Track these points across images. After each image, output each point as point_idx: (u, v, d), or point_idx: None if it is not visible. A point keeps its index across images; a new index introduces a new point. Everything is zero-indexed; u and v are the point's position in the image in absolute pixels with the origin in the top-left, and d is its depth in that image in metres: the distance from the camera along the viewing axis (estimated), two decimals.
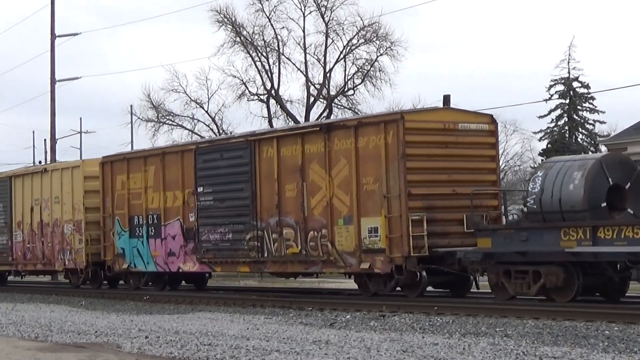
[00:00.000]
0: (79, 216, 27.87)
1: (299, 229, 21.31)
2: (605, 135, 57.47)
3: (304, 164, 21.20)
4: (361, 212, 20.01)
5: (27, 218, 30.39)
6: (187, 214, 24.21)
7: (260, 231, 22.16)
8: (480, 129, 20.27)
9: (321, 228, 20.83)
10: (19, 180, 30.93)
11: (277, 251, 21.82)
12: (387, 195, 19.48)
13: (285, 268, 21.98)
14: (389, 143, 19.50)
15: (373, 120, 19.98)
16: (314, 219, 21.02)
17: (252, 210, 22.32)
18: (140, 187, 25.70)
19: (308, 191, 21.14)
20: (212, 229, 23.45)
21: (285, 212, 21.64)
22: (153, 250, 25.29)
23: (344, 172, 20.39)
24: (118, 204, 26.45)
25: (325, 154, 20.73)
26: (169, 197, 24.79)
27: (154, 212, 25.25)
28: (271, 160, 21.94)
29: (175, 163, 24.60)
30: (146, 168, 25.53)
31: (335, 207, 20.55)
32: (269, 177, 22.00)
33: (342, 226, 20.39)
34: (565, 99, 56.04)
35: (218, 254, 23.36)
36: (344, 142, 20.44)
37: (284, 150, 21.74)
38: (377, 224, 19.67)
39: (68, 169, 28.53)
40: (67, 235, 28.34)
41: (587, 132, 57.19)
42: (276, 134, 22.14)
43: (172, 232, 24.66)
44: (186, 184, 24.20)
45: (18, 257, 31.01)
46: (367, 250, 19.90)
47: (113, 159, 27.22)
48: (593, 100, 55.87)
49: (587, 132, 57.19)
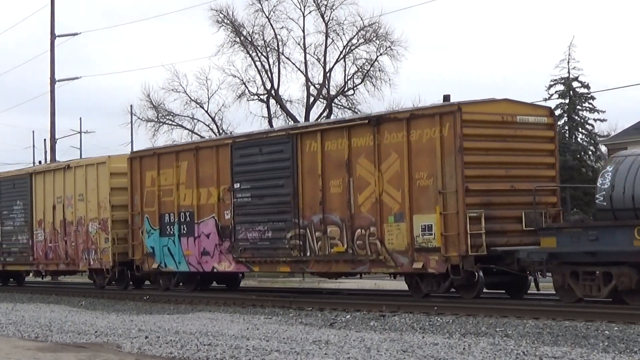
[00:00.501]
0: (104, 214, 26.84)
1: (344, 227, 20.31)
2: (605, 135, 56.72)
3: (350, 159, 20.20)
4: (414, 208, 19.02)
5: (48, 216, 29.36)
6: (222, 211, 23.20)
7: (303, 229, 21.16)
8: (539, 122, 19.29)
9: (369, 226, 19.83)
10: (40, 177, 29.89)
11: (321, 250, 20.82)
12: (443, 191, 18.49)
13: (330, 268, 20.96)
14: (445, 136, 18.51)
15: (427, 112, 18.98)
16: (361, 216, 20.02)
17: (294, 208, 21.31)
18: (171, 184, 24.68)
19: (355, 187, 20.14)
20: (250, 227, 22.44)
21: (330, 209, 20.64)
22: (185, 249, 24.27)
23: (395, 167, 19.40)
24: (147, 201, 25.44)
25: (375, 147, 19.73)
26: (202, 193, 23.77)
27: (186, 209, 24.23)
28: (314, 155, 20.95)
29: (209, 158, 23.58)
30: (178, 164, 24.50)
31: (385, 204, 19.56)
32: (312, 173, 21.01)
33: (392, 224, 19.40)
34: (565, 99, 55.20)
35: (256, 253, 22.35)
36: (394, 136, 19.45)
37: (328, 144, 20.75)
38: (432, 221, 18.68)
39: (93, 165, 27.47)
40: (92, 234, 27.31)
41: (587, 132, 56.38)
42: (320, 127, 21.13)
43: (206, 230, 23.65)
44: (222, 180, 23.19)
45: (39, 257, 29.97)
46: (420, 249, 18.91)
47: (142, 154, 26.22)
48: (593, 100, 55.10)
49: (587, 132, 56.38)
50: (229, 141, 23.20)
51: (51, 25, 45.20)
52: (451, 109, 18.53)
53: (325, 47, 45.45)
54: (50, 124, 45.36)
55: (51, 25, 45.20)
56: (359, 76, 45.64)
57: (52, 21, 45.21)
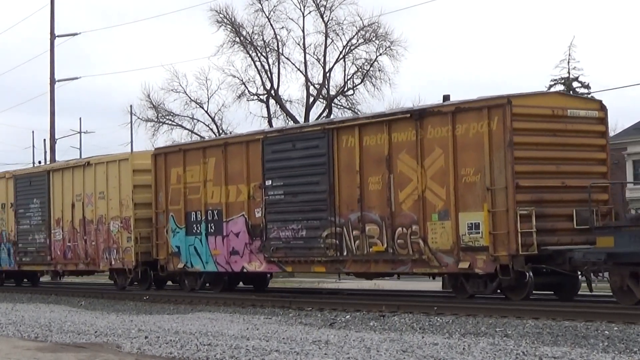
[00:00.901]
0: (127, 212, 26.02)
1: (384, 225, 19.51)
2: None
3: (391, 154, 19.41)
4: (459, 206, 18.22)
5: (67, 215, 28.52)
6: (253, 209, 22.39)
7: (339, 228, 20.35)
8: (590, 116, 18.49)
9: (411, 224, 19.04)
10: (58, 174, 29.06)
11: (359, 249, 20.02)
12: (491, 187, 17.70)
13: (368, 268, 20.15)
14: (493, 130, 17.72)
15: (474, 106, 18.16)
16: (402, 214, 19.22)
17: (330, 205, 20.51)
18: (198, 181, 23.85)
19: (396, 184, 19.34)
20: (282, 226, 21.62)
21: (369, 206, 19.84)
22: (213, 248, 23.45)
23: (439, 163, 18.60)
24: (173, 199, 24.61)
25: (417, 142, 18.94)
26: (231, 191, 22.96)
27: (214, 207, 23.41)
28: (352, 151, 20.15)
29: (239, 154, 22.77)
30: (205, 160, 23.68)
31: (428, 201, 18.77)
32: (349, 169, 20.21)
33: (436, 222, 18.61)
34: None
35: (289, 252, 21.53)
36: (438, 130, 18.65)
37: (367, 139, 19.95)
38: (479, 219, 17.88)
39: (114, 162, 26.63)
40: (114, 233, 26.48)
41: None
42: (358, 121, 20.31)
43: (235, 229, 22.83)
44: (252, 176, 22.38)
45: (57, 257, 29.12)
46: (466, 248, 18.11)
47: (167, 150, 25.40)
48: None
49: None
50: (260, 136, 22.38)
51: (51, 26, 45.01)
52: (500, 101, 17.72)
53: (325, 47, 45.56)
54: (50, 124, 45.15)
55: (51, 26, 45.01)
56: (359, 76, 45.71)
57: (52, 21, 45.05)
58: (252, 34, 45.35)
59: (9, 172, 32.25)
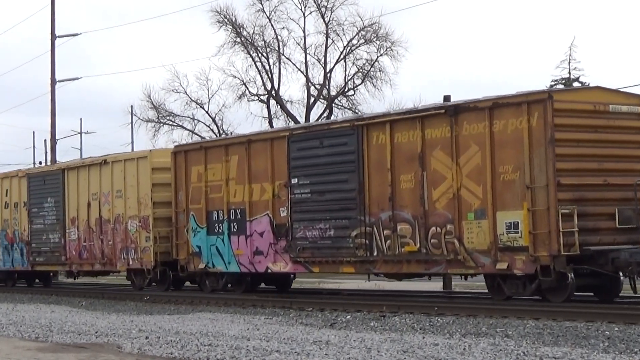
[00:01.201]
0: (145, 211, 25.42)
1: (417, 225, 18.91)
2: None
3: (424, 151, 18.81)
4: (497, 204, 17.61)
5: (83, 214, 27.92)
6: (277, 208, 21.78)
7: (369, 227, 19.75)
8: (632, 112, 17.85)
9: (446, 223, 18.44)
10: (73, 173, 28.45)
11: (390, 250, 19.42)
12: (531, 185, 17.10)
13: (400, 268, 19.53)
14: (533, 126, 17.11)
15: (513, 101, 17.55)
16: (436, 213, 18.62)
17: (359, 204, 19.91)
18: (220, 179, 23.25)
19: (429, 182, 18.75)
20: (309, 225, 21.02)
21: (400, 205, 19.24)
22: (236, 248, 22.85)
23: (475, 160, 18.00)
24: (193, 198, 24.01)
25: (452, 139, 18.33)
26: (255, 189, 22.36)
27: (237, 206, 22.81)
28: (383, 148, 19.56)
29: (263, 152, 22.16)
30: (228, 158, 23.07)
31: (464, 200, 18.16)
32: (379, 167, 19.62)
33: (472, 221, 18.00)
34: None
35: (316, 252, 20.93)
36: (475, 126, 18.05)
37: (398, 136, 19.35)
38: (518, 218, 17.29)
39: (132, 160, 26.03)
40: (132, 233, 25.88)
41: None
42: (390, 117, 19.67)
43: (259, 228, 22.23)
44: (277, 175, 21.78)
45: (72, 257, 28.52)
46: (504, 249, 17.50)
47: (187, 148, 24.80)
48: None
49: None
50: (285, 133, 21.76)
51: (51, 26, 44.73)
52: (541, 97, 17.12)
53: (325, 47, 45.35)
54: (51, 124, 44.91)
55: (51, 26, 44.73)
56: (360, 76, 45.51)
57: (52, 21, 44.79)
58: (253, 35, 45.28)
59: (22, 171, 31.66)
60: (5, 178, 32.36)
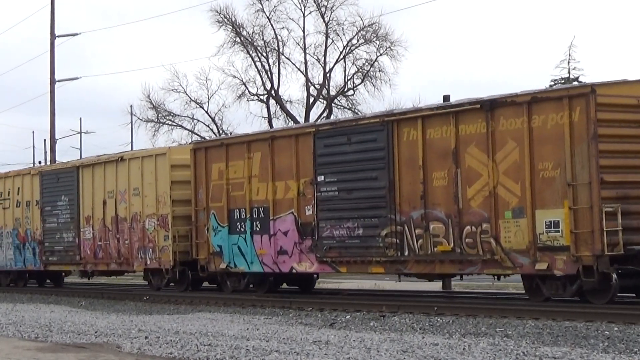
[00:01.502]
0: (164, 210, 24.78)
1: (451, 224, 18.29)
2: None
3: (458, 148, 18.19)
4: (536, 203, 17.00)
5: (98, 212, 27.29)
6: (302, 206, 21.16)
7: (400, 226, 19.13)
8: None
9: (481, 222, 17.82)
10: (88, 170, 27.81)
11: (422, 249, 18.80)
12: (573, 183, 16.48)
13: (433, 269, 18.91)
14: (575, 121, 16.49)
15: (553, 95, 16.94)
16: (471, 211, 18.00)
17: (390, 202, 19.29)
18: (242, 177, 22.62)
19: (463, 179, 18.13)
20: (336, 224, 20.40)
21: (433, 203, 18.62)
22: (259, 248, 22.22)
23: (513, 157, 17.38)
24: (214, 196, 23.38)
25: (488, 135, 17.71)
26: (279, 187, 21.74)
27: (260, 204, 22.19)
28: (414, 144, 18.94)
29: (287, 149, 21.54)
30: (250, 155, 22.45)
31: (500, 198, 17.54)
32: (411, 164, 19.00)
33: (510, 220, 17.38)
34: None
35: (344, 252, 20.31)
36: (512, 122, 17.42)
37: (431, 132, 18.73)
38: (559, 216, 16.67)
39: (150, 157, 25.37)
40: (150, 232, 25.24)
41: None
42: (421, 113, 19.03)
43: (283, 227, 21.61)
44: (302, 172, 21.17)
45: (87, 256, 27.88)
46: (544, 248, 16.88)
47: (208, 144, 24.18)
48: None
49: None
50: (311, 130, 21.13)
51: (51, 25, 44.58)
52: (583, 90, 16.50)
53: (325, 47, 45.50)
54: (50, 124, 44.75)
55: (51, 25, 44.58)
56: (359, 76, 45.62)
57: (52, 21, 44.64)
58: (253, 34, 45.41)
59: (34, 169, 31.07)
60: (16, 176, 31.74)
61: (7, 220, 31.85)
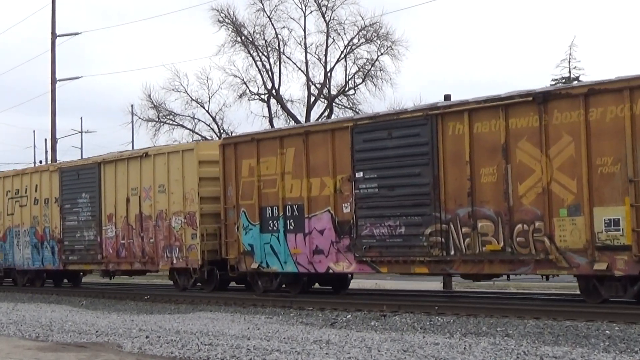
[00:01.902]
0: (191, 207, 23.95)
1: (500, 222, 17.46)
2: None
3: (508, 142, 17.36)
4: (594, 200, 16.17)
5: (121, 210, 26.48)
6: (340, 204, 20.33)
7: (445, 224, 18.31)
8: None
9: (534, 220, 16.99)
10: (111, 167, 27.00)
11: (469, 249, 17.98)
12: (635, 179, 15.65)
13: (481, 269, 18.07)
14: (637, 114, 15.66)
15: (612, 87, 16.06)
16: (523, 209, 17.17)
17: (434, 200, 18.47)
18: (274, 173, 21.80)
19: (514, 175, 17.30)
20: (376, 222, 19.58)
21: (481, 201, 17.80)
22: (293, 247, 21.40)
23: (568, 152, 16.55)
24: (244, 193, 22.56)
25: (541, 129, 16.88)
26: (314, 184, 20.92)
27: (294, 202, 21.36)
28: (460, 139, 18.11)
29: (322, 144, 20.71)
30: (283, 150, 21.63)
31: (555, 195, 16.71)
32: (457, 159, 18.17)
33: (565, 218, 16.55)
34: None
35: (385, 251, 19.48)
36: (567, 115, 16.59)
37: (478, 126, 17.90)
38: (619, 214, 15.83)
39: (177, 153, 24.53)
40: (176, 230, 24.42)
41: None
42: (468, 106, 18.17)
43: (319, 225, 20.78)
44: (339, 168, 20.34)
45: (109, 255, 27.07)
46: (603, 248, 16.05)
47: (237, 140, 23.33)
48: None
49: None
50: (348, 124, 20.29)
51: (52, 25, 44.30)
52: None
53: (326, 46, 45.38)
54: (51, 123, 44.52)
55: (52, 25, 44.30)
56: (360, 76, 45.52)
57: (52, 20, 44.38)
58: (254, 34, 45.28)
59: (54, 165, 30.27)
60: (34, 172, 30.94)
61: (25, 218, 31.04)
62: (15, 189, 31.42)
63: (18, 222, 31.37)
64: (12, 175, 32.18)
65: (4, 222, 32.12)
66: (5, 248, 32.07)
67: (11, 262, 31.83)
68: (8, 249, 31.92)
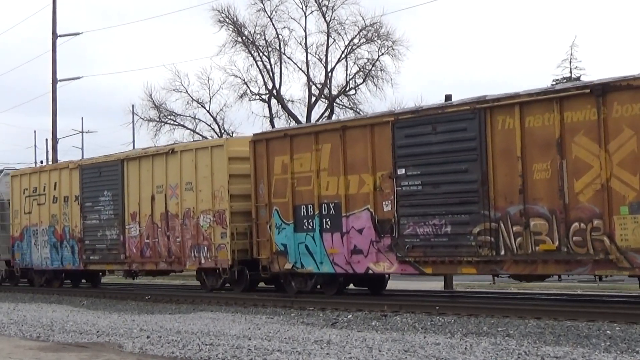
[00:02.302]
0: (221, 205, 23.14)
1: (555, 220, 16.65)
2: None
3: (563, 137, 16.54)
4: None
5: (145, 208, 25.66)
6: (380, 202, 19.53)
7: (495, 223, 17.51)
8: None
9: (592, 218, 16.18)
10: (134, 163, 26.19)
11: (521, 248, 17.16)
12: None
13: (534, 269, 17.25)
14: None
15: None
16: (579, 206, 16.36)
17: (483, 197, 17.66)
18: (309, 170, 20.99)
19: (570, 171, 16.49)
20: (420, 221, 18.76)
21: (534, 198, 16.99)
22: (329, 247, 20.59)
23: (630, 146, 15.74)
24: (277, 191, 21.76)
25: (599, 123, 16.07)
26: (352, 181, 20.11)
27: (330, 200, 20.55)
28: (510, 133, 17.30)
29: (361, 139, 19.91)
30: (318, 146, 20.82)
31: (615, 192, 15.90)
32: (507, 155, 17.36)
33: (626, 216, 15.74)
34: None
35: (429, 251, 18.67)
36: (628, 108, 15.78)
37: (530, 120, 17.09)
38: None
39: (205, 149, 23.70)
40: (204, 229, 23.60)
41: None
42: (519, 99, 17.34)
43: (357, 224, 19.97)
44: (379, 165, 19.54)
45: (133, 255, 26.25)
46: None
47: (269, 136, 22.50)
48: None
49: None
50: (389, 119, 19.47)
51: (53, 25, 43.98)
52: None
53: (326, 46, 45.01)
54: (52, 123, 44.24)
55: (53, 25, 43.98)
56: (361, 76, 45.19)
57: (53, 21, 44.07)
58: (254, 34, 44.89)
59: (74, 162, 29.39)
60: (53, 170, 30.16)
61: (43, 217, 30.24)
62: (33, 187, 30.62)
63: (36, 221, 30.57)
64: (30, 172, 31.41)
65: (21, 220, 31.33)
66: (23, 247, 31.29)
67: (29, 262, 31.04)
68: (25, 249, 31.14)
